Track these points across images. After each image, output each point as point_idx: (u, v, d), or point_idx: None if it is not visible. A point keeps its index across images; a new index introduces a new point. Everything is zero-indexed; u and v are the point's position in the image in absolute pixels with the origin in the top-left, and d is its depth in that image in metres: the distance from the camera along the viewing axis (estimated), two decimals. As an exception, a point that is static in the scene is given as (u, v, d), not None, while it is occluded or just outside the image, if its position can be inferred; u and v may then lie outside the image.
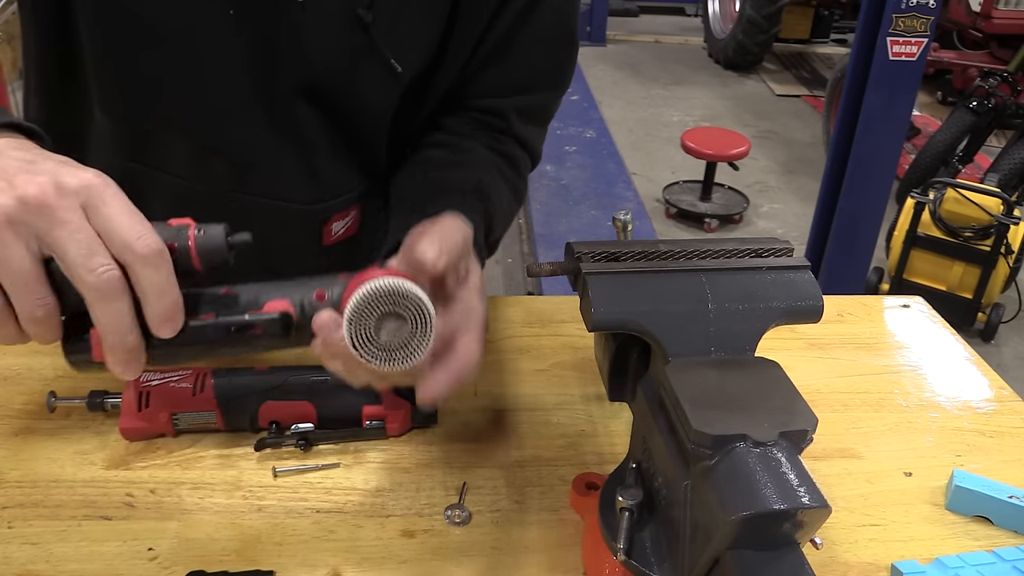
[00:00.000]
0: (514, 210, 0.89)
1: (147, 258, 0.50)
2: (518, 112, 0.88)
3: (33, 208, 0.48)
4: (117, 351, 0.52)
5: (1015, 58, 4.83)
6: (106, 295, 0.50)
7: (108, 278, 0.49)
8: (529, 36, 0.84)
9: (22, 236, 0.49)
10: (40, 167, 0.51)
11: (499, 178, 0.85)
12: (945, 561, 0.63)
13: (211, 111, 0.78)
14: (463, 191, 0.77)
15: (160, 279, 0.51)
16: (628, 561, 0.55)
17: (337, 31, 0.76)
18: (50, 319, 0.51)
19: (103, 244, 0.50)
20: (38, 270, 0.50)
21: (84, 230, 0.49)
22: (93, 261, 0.49)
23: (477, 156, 0.85)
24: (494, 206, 0.79)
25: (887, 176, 2.76)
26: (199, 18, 0.74)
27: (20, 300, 0.50)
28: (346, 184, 0.87)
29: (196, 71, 0.76)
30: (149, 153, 0.81)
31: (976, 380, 0.89)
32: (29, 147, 0.54)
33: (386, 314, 0.51)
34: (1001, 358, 3.02)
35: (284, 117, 0.80)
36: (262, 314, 0.57)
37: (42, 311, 0.51)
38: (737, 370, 0.53)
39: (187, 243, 0.54)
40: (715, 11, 6.73)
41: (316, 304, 0.57)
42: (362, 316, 0.51)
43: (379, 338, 0.51)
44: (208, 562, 0.61)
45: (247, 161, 0.81)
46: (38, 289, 0.50)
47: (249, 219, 0.85)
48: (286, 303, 0.57)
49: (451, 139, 0.87)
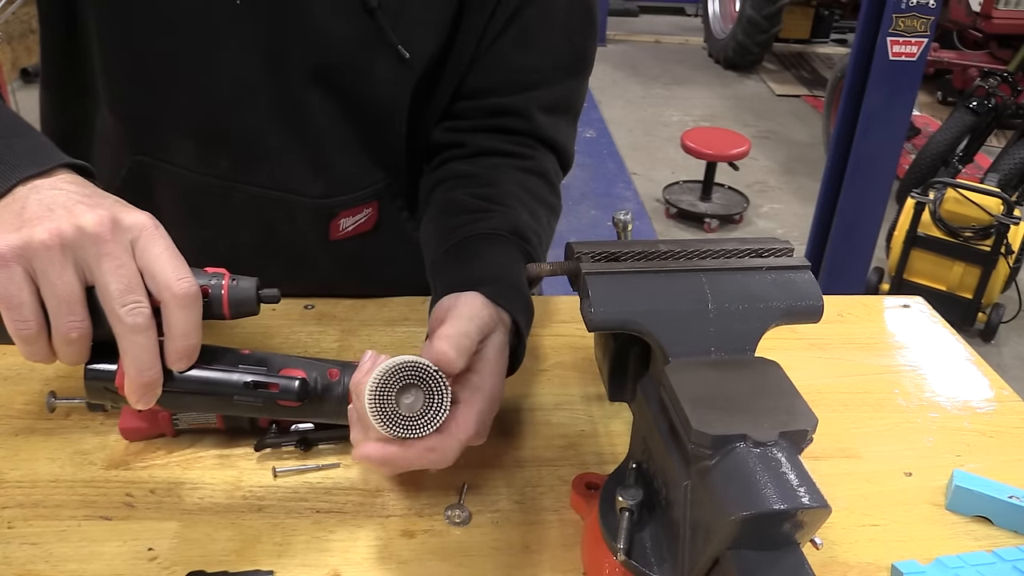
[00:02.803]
0: (553, 228, 0.87)
1: (183, 300, 0.54)
2: (542, 108, 0.85)
3: (89, 237, 0.52)
4: (135, 382, 0.55)
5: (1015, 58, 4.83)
6: (134, 329, 0.53)
7: (139, 314, 0.53)
8: (543, 17, 0.81)
9: (72, 261, 0.53)
10: (98, 201, 0.55)
11: (535, 204, 0.81)
12: (945, 561, 0.63)
13: (219, 100, 0.78)
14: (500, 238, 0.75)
15: (189, 321, 0.55)
16: (628, 561, 0.55)
17: (344, 17, 0.75)
18: (83, 341, 0.55)
19: (142, 283, 0.54)
20: (81, 294, 0.53)
21: (128, 266, 0.53)
22: (129, 297, 0.53)
23: (507, 188, 0.80)
24: (534, 247, 0.77)
25: (887, 176, 2.76)
26: (206, 6, 0.74)
27: (59, 320, 0.53)
28: (357, 181, 0.86)
29: (204, 60, 0.76)
30: (156, 145, 0.81)
31: (976, 380, 0.88)
32: (83, 183, 0.57)
33: (406, 386, 0.55)
34: (1001, 358, 3.02)
35: (293, 107, 0.79)
36: (280, 376, 0.61)
37: (77, 333, 0.54)
38: (737, 370, 0.53)
39: (220, 292, 0.59)
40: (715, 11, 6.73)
41: (330, 381, 0.62)
42: (385, 386, 0.55)
43: (399, 409, 0.55)
44: (208, 562, 0.61)
45: (254, 152, 0.81)
46: (78, 311, 0.54)
47: (254, 210, 0.85)
48: (302, 373, 0.62)
49: (476, 168, 0.83)
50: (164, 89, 0.78)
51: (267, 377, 0.61)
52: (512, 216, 0.77)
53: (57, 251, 0.52)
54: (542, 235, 0.80)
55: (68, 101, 0.85)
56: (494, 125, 0.85)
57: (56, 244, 0.52)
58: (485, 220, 0.76)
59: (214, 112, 0.79)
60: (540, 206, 0.82)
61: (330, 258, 0.91)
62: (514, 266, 0.72)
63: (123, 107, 0.80)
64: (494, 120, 0.85)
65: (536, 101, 0.84)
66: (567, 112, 0.89)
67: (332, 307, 0.92)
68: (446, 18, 0.79)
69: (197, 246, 0.89)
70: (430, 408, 0.56)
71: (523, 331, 0.69)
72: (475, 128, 0.85)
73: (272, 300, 0.61)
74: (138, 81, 0.78)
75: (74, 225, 0.52)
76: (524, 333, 0.70)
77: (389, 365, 0.55)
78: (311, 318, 0.90)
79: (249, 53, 0.76)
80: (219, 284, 0.58)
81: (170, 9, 0.74)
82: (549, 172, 0.86)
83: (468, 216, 0.77)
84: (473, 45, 0.82)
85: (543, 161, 0.86)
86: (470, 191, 0.80)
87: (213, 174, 0.82)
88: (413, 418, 0.55)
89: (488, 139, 0.85)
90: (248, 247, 0.89)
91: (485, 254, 0.73)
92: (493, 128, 0.85)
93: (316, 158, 0.82)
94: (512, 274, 0.71)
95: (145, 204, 0.84)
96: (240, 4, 0.73)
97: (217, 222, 0.86)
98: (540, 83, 0.84)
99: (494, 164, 0.83)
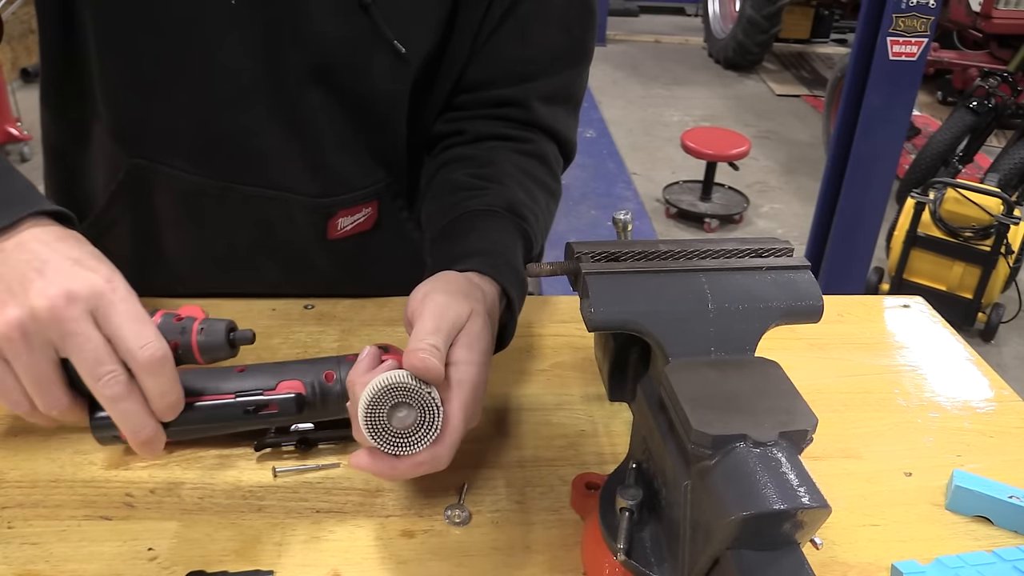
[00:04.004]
0: (552, 211, 0.86)
1: (148, 366, 0.54)
2: (541, 98, 0.85)
3: (45, 320, 0.53)
4: (133, 442, 0.57)
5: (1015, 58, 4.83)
6: (114, 399, 0.54)
7: (114, 384, 0.54)
8: (540, 9, 0.81)
9: (37, 345, 0.53)
10: (53, 271, 0.54)
11: (532, 185, 0.81)
12: (945, 561, 0.63)
13: (216, 101, 0.78)
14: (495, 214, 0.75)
15: (160, 384, 0.55)
16: (628, 561, 0.55)
17: (339, 15, 0.75)
18: (68, 414, 0.57)
19: (112, 351, 0.54)
20: (53, 375, 0.54)
21: (93, 339, 0.53)
22: (101, 369, 0.53)
23: (504, 168, 0.81)
24: (530, 224, 0.77)
25: (887, 176, 2.76)
26: (202, 7, 0.74)
27: (39, 401, 0.55)
28: (355, 180, 0.86)
29: (200, 61, 0.76)
30: (153, 147, 0.81)
31: (976, 380, 0.88)
32: (52, 238, 0.57)
33: (398, 404, 0.55)
34: (1001, 358, 3.02)
35: (291, 106, 0.79)
36: (277, 395, 0.62)
37: (57, 411, 0.56)
38: (737, 370, 0.53)
39: (190, 342, 0.59)
40: (715, 11, 6.73)
41: (326, 385, 0.63)
42: (377, 405, 0.55)
43: (391, 425, 0.55)
44: (208, 562, 0.61)
45: (252, 152, 0.81)
46: (53, 391, 0.55)
47: (252, 210, 0.85)
48: (298, 384, 0.63)
49: (474, 150, 0.84)
50: (161, 91, 0.78)
51: (264, 397, 0.62)
52: (507, 193, 0.77)
53: (19, 341, 0.52)
54: (539, 214, 0.80)
55: (68, 105, 0.85)
56: (494, 114, 0.85)
57: (17, 335, 0.52)
58: (480, 197, 0.77)
59: (211, 113, 0.79)
60: (537, 187, 0.82)
61: (328, 257, 0.90)
62: (507, 240, 0.73)
63: (119, 110, 0.80)
64: (494, 110, 0.85)
65: (535, 92, 0.85)
66: (567, 102, 0.89)
67: (332, 307, 0.92)
68: (441, 14, 0.79)
69: (195, 246, 0.90)
70: (422, 425, 0.56)
71: (515, 305, 0.69)
72: (475, 116, 0.86)
73: (245, 342, 0.61)
74: (134, 83, 0.78)
75: (28, 309, 0.52)
76: (516, 308, 0.70)
77: (382, 384, 0.55)
78: (311, 318, 0.90)
79: (246, 53, 0.76)
80: (188, 335, 0.59)
81: (166, 10, 0.74)
82: (548, 156, 0.86)
83: (464, 194, 0.78)
84: (470, 40, 0.82)
85: (542, 146, 0.86)
86: (468, 171, 0.81)
87: (210, 175, 0.82)
88: (406, 434, 0.55)
89: (488, 125, 0.85)
90: (246, 247, 0.89)
91: (479, 229, 0.74)
92: (493, 116, 0.85)
93: (314, 157, 0.82)
94: (505, 248, 0.71)
95: (143, 206, 0.85)
96: (236, 4, 0.73)
97: (215, 222, 0.86)
98: (538, 74, 0.85)
99: (493, 147, 0.84)
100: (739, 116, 5.46)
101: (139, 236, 0.88)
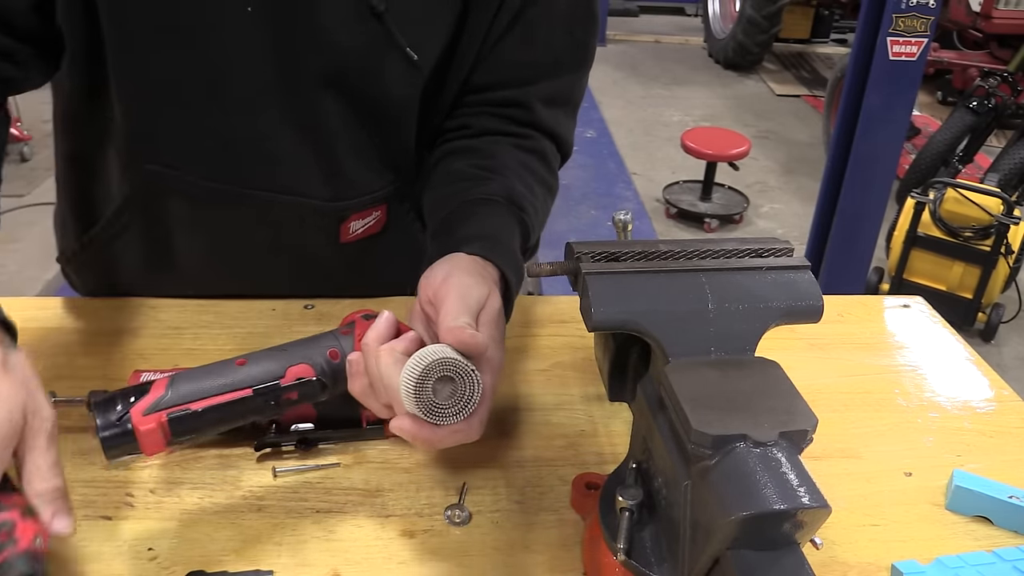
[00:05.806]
0: (548, 206, 0.88)
1: None
2: (542, 100, 0.86)
3: None
4: None
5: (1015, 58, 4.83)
6: None
7: None
8: (546, 14, 0.83)
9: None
10: None
11: (531, 179, 0.83)
12: (945, 561, 0.63)
13: (231, 107, 0.79)
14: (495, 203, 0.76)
15: None
16: (628, 561, 0.55)
17: (353, 21, 0.76)
18: None
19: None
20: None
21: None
22: None
23: (504, 161, 0.83)
24: (528, 215, 0.78)
25: (887, 176, 2.76)
26: (218, 14, 0.74)
27: None
28: (367, 184, 0.87)
29: (215, 67, 0.77)
30: (166, 154, 0.82)
31: (976, 380, 0.88)
32: None
33: (443, 378, 0.57)
34: (1001, 358, 3.02)
35: (305, 112, 0.80)
36: (294, 381, 0.63)
37: None
38: (737, 370, 0.53)
39: None
40: (715, 11, 6.73)
41: (333, 363, 0.64)
42: (426, 377, 0.56)
43: (435, 398, 0.57)
44: (208, 562, 0.61)
45: (265, 157, 0.82)
46: None
47: (264, 214, 0.86)
48: (307, 368, 0.63)
49: (476, 143, 0.85)
50: (176, 97, 0.78)
51: (283, 385, 0.62)
52: (508, 184, 0.79)
53: None
54: (537, 207, 0.82)
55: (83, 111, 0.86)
56: (497, 113, 0.87)
57: None
58: (481, 186, 0.78)
59: (226, 119, 0.79)
60: (536, 181, 0.84)
61: (339, 260, 0.91)
62: (506, 227, 0.74)
63: (135, 116, 0.80)
64: (497, 109, 0.87)
65: (537, 94, 0.86)
66: (566, 104, 0.90)
67: (332, 307, 0.92)
68: (451, 19, 0.80)
69: (207, 250, 0.90)
70: (463, 398, 0.57)
71: (512, 289, 0.70)
72: (479, 113, 0.87)
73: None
74: (150, 89, 0.78)
75: None
76: (513, 292, 0.71)
77: (435, 357, 0.56)
78: (311, 318, 0.90)
79: (260, 59, 0.76)
80: None
81: (182, 17, 0.74)
82: (547, 153, 0.88)
83: (465, 183, 0.79)
84: (478, 43, 0.83)
85: (541, 143, 0.88)
86: (470, 162, 0.82)
87: (224, 181, 0.82)
88: (447, 406, 0.57)
89: (490, 121, 0.86)
90: (257, 251, 0.89)
91: (479, 215, 0.75)
92: (496, 114, 0.87)
93: (327, 162, 0.83)
94: (504, 234, 0.73)
95: (156, 211, 0.86)
96: (251, 11, 0.74)
97: (227, 226, 0.87)
98: (541, 77, 0.86)
99: (494, 140, 0.85)
100: (739, 116, 5.46)
101: (151, 240, 0.89)
